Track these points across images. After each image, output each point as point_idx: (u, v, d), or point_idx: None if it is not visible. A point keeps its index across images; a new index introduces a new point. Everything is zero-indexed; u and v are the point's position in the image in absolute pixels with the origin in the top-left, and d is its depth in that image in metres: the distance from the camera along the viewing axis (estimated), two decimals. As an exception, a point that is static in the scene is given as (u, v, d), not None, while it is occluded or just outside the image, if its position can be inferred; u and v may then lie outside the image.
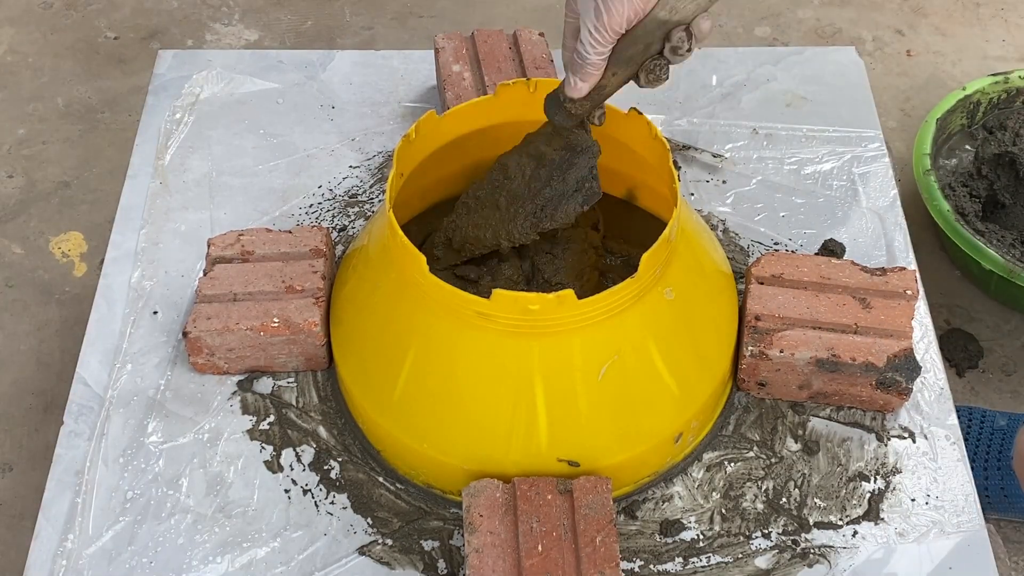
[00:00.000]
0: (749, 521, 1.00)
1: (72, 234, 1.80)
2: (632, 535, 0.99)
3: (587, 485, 0.94)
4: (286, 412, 1.07)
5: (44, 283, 1.73)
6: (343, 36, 2.10)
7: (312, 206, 1.23)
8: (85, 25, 2.11)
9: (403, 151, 1.01)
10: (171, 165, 1.27)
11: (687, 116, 1.32)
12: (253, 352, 1.07)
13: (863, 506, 1.01)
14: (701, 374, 1.01)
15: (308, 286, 1.07)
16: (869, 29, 2.12)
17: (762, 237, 1.20)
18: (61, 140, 1.92)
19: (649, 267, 0.94)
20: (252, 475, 1.03)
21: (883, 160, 1.28)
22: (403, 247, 0.94)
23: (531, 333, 0.94)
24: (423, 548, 0.98)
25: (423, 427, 0.98)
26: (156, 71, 1.37)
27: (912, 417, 1.06)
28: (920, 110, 1.96)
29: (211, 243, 1.11)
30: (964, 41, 2.10)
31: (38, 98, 1.98)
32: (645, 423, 0.99)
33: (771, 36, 2.12)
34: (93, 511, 1.00)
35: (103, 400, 1.07)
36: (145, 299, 1.15)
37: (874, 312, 1.04)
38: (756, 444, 1.05)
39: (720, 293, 1.05)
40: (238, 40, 2.09)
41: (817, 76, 1.37)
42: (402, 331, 0.99)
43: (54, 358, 1.64)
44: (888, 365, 1.02)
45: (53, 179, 1.87)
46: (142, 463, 1.03)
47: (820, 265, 1.08)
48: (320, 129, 1.31)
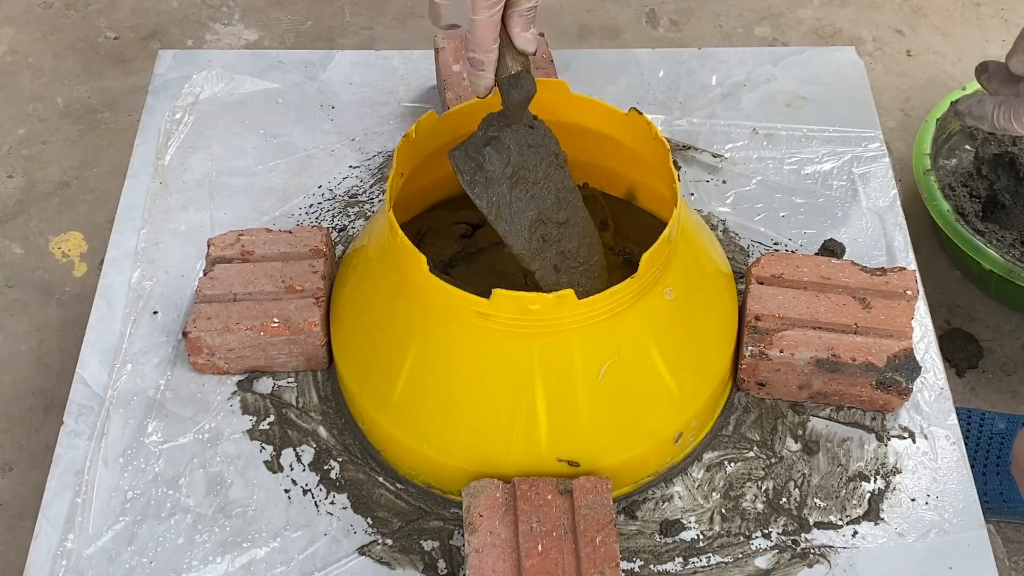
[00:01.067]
0: (749, 521, 1.00)
1: (72, 234, 1.80)
2: (632, 535, 0.99)
3: (587, 485, 0.94)
4: (286, 412, 1.07)
5: (44, 283, 1.73)
6: (343, 36, 2.10)
7: (312, 206, 1.24)
8: (85, 25, 2.11)
9: (403, 151, 1.01)
10: (171, 165, 1.27)
11: (687, 116, 1.32)
12: (253, 352, 1.07)
13: (863, 506, 1.01)
14: (701, 374, 1.01)
15: (308, 286, 1.07)
16: (869, 29, 2.12)
17: (762, 237, 1.21)
18: (61, 140, 1.92)
19: (649, 267, 0.94)
20: (252, 475, 1.03)
21: (883, 160, 1.28)
22: (403, 247, 0.94)
23: (531, 333, 0.94)
24: (423, 548, 0.99)
25: (423, 427, 0.98)
26: (156, 71, 1.37)
27: (912, 417, 1.06)
28: (920, 110, 1.97)
29: (211, 243, 1.11)
30: (964, 41, 2.10)
31: (38, 98, 1.99)
32: (645, 423, 0.99)
33: (771, 36, 2.12)
34: (93, 511, 1.00)
35: (103, 400, 1.07)
36: (145, 299, 1.15)
37: (874, 312, 1.05)
38: (756, 444, 1.05)
39: (720, 293, 1.05)
40: (238, 40, 2.09)
41: (817, 76, 1.37)
42: (402, 331, 0.99)
43: (54, 358, 1.64)
44: (888, 365, 1.02)
45: (53, 179, 1.87)
46: (142, 463, 1.03)
47: (820, 265, 1.08)
48: (320, 129, 1.31)
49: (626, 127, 1.06)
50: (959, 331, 1.65)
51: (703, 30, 2.12)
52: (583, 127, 1.09)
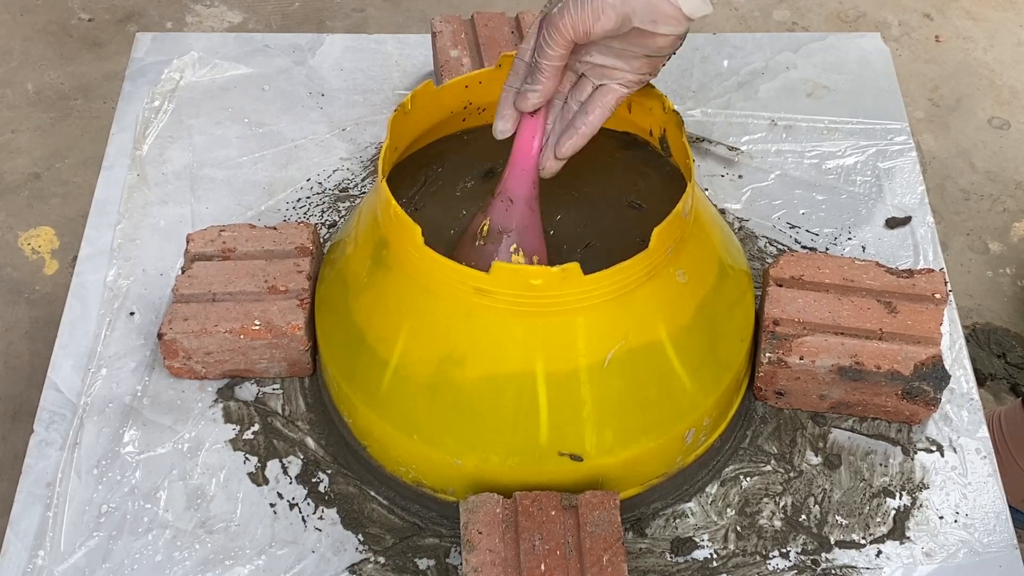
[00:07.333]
0: (766, 539, 1.00)
1: (43, 229, 1.80)
2: (641, 554, 0.99)
3: (593, 500, 0.94)
4: (271, 421, 1.07)
5: (12, 281, 1.73)
6: (333, 18, 2.10)
7: (300, 200, 1.24)
8: (57, 6, 2.11)
9: (397, 123, 1.01)
10: (149, 156, 1.27)
11: (701, 106, 1.32)
12: (232, 356, 1.07)
13: (888, 524, 1.01)
14: (715, 366, 1.00)
15: (292, 287, 1.07)
16: (895, 13, 2.12)
17: (781, 236, 1.21)
18: (31, 129, 1.92)
19: (661, 242, 0.93)
20: (235, 488, 1.03)
21: (910, 154, 1.28)
22: (397, 218, 0.93)
23: (532, 312, 0.93)
24: (418, 567, 0.99)
25: (413, 417, 0.97)
26: (133, 55, 1.37)
27: (940, 429, 1.06)
28: (949, 100, 1.97)
29: (190, 238, 1.11)
30: (996, 25, 2.10)
31: (7, 84, 1.99)
32: (654, 416, 0.98)
33: (790, 20, 2.12)
34: (65, 526, 1.00)
35: (76, 407, 1.07)
36: (121, 299, 1.15)
37: (900, 317, 1.05)
38: (774, 457, 1.05)
39: (736, 285, 1.04)
40: (221, 22, 2.09)
41: (840, 64, 1.37)
42: (393, 311, 0.97)
43: (23, 361, 1.64)
44: (915, 373, 1.02)
45: (22, 170, 1.87)
46: (118, 475, 1.03)
47: (843, 266, 1.08)
48: (308, 118, 1.31)
49: (638, 100, 1.06)
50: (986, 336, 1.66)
51: (718, 13, 2.12)
52: None
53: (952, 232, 1.75)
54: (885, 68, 1.37)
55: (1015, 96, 2.06)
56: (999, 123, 2.02)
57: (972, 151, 1.98)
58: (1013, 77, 2.08)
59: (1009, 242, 1.88)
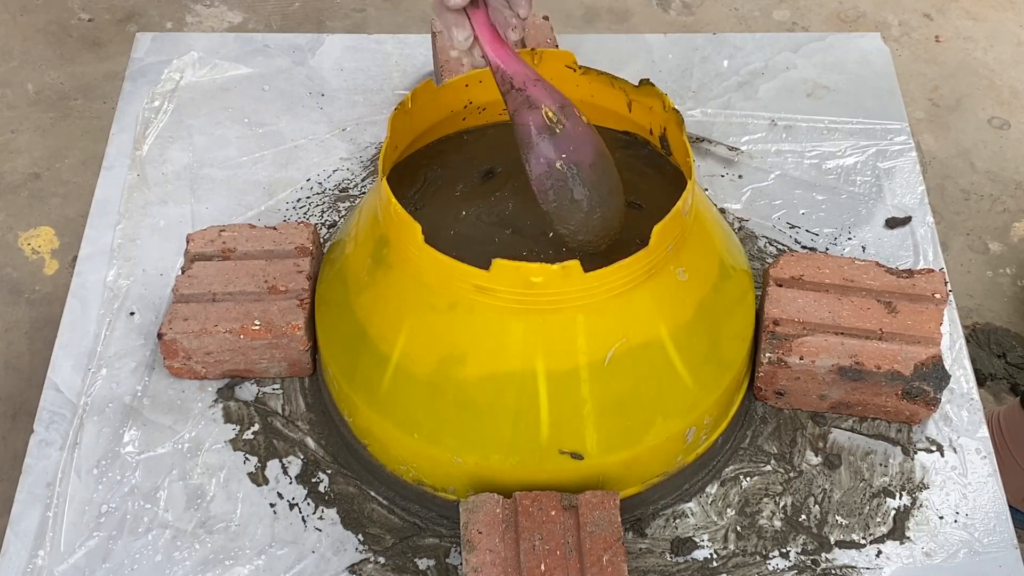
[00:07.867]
0: (766, 539, 1.00)
1: (43, 229, 1.80)
2: (641, 554, 1.00)
3: (593, 500, 0.94)
4: (272, 421, 1.07)
5: (12, 281, 1.73)
6: (333, 18, 2.11)
7: (300, 200, 1.24)
8: (57, 6, 2.11)
9: (397, 121, 1.01)
10: (149, 156, 1.27)
11: (700, 106, 1.33)
12: (232, 356, 1.07)
13: (888, 524, 1.01)
14: (716, 364, 1.00)
15: (292, 287, 1.07)
16: (895, 13, 2.13)
17: (781, 236, 1.21)
18: (31, 129, 1.92)
19: (662, 240, 0.93)
20: (235, 488, 1.03)
21: (910, 154, 1.28)
22: (398, 216, 0.94)
23: (533, 309, 0.93)
24: (418, 567, 0.99)
25: (414, 415, 0.97)
26: (133, 55, 1.37)
27: (940, 429, 1.07)
28: (949, 100, 1.97)
29: (190, 239, 1.12)
30: (996, 26, 2.10)
31: (7, 84, 1.99)
32: (654, 415, 0.98)
33: (790, 20, 2.12)
34: (65, 526, 1.00)
35: (76, 407, 1.07)
36: (121, 299, 1.15)
37: (900, 317, 1.05)
38: (774, 457, 1.05)
39: (737, 284, 1.05)
40: (221, 22, 2.10)
41: (840, 64, 1.37)
42: (393, 310, 0.98)
43: (23, 362, 1.64)
44: (915, 373, 1.02)
45: (22, 170, 1.87)
46: (118, 475, 1.03)
47: (843, 266, 1.08)
48: (309, 118, 1.31)
49: (638, 99, 1.06)
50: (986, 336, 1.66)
51: (718, 13, 2.13)
52: (591, 104, 1.08)
53: (952, 232, 1.75)
54: (885, 68, 1.37)
55: (1015, 96, 2.06)
56: (999, 123, 2.02)
57: (972, 151, 1.99)
58: (1013, 77, 2.08)
59: (1009, 242, 1.88)
